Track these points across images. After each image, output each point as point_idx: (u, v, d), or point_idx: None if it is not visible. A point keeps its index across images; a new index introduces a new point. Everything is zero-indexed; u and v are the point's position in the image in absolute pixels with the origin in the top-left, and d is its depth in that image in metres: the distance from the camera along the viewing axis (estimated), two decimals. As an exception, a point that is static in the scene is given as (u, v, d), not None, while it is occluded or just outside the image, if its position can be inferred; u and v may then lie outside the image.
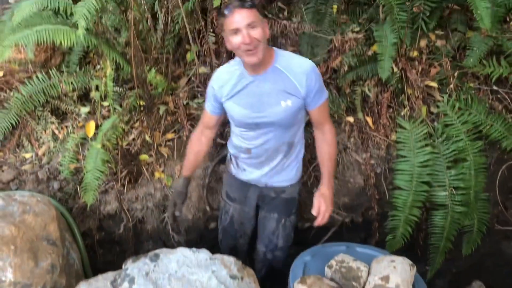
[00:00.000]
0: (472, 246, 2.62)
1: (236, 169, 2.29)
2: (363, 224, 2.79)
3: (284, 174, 2.21)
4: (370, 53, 2.78)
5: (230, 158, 2.32)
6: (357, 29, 2.90)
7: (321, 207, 2.04)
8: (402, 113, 2.64)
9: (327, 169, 2.10)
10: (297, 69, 1.92)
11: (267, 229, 2.34)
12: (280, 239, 2.35)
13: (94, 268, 2.57)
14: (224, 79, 2.02)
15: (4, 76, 3.05)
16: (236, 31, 1.80)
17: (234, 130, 2.19)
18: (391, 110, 2.70)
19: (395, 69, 2.67)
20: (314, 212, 2.05)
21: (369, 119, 2.67)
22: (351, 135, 2.64)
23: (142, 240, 2.78)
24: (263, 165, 2.19)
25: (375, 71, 2.67)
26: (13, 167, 2.72)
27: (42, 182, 2.66)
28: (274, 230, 2.32)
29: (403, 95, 2.69)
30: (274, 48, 1.99)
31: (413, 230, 2.53)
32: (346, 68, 2.74)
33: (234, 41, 1.82)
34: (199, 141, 2.25)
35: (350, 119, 2.66)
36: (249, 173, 2.24)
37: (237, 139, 2.19)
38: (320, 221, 2.04)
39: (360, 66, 2.73)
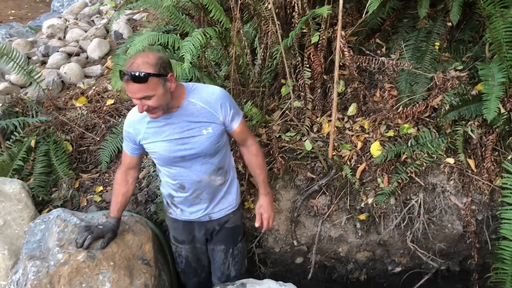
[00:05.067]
0: None
1: (175, 212, 2.26)
2: (461, 274, 2.60)
3: (224, 202, 2.22)
4: (474, 92, 2.64)
5: (167, 202, 2.30)
6: (460, 67, 2.79)
7: (263, 216, 2.21)
8: (509, 157, 2.45)
9: (260, 178, 2.21)
10: (210, 97, 1.98)
11: (217, 261, 2.31)
12: (232, 269, 2.31)
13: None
14: (137, 121, 2.02)
15: (114, 103, 3.33)
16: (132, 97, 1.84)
17: (162, 170, 2.17)
18: (496, 153, 2.52)
19: (502, 110, 2.50)
20: (257, 224, 2.22)
21: (471, 162, 2.51)
22: (450, 177, 2.50)
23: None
24: (201, 199, 2.17)
25: (479, 112, 2.53)
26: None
27: (140, 204, 2.82)
28: (224, 261, 2.28)
29: (510, 138, 2.51)
30: (184, 84, 2.02)
31: (518, 285, 2.30)
32: (447, 107, 2.63)
33: (133, 101, 1.87)
34: (126, 182, 2.20)
35: (450, 160, 2.52)
36: (189, 212, 2.22)
37: (168, 179, 2.17)
38: (266, 227, 2.23)
39: (463, 106, 2.60)
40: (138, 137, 2.06)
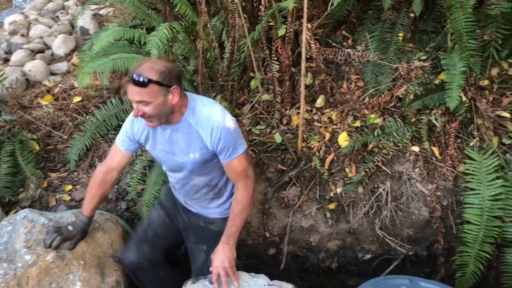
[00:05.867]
0: (550, 288, 2.42)
1: (174, 188, 2.25)
2: (428, 259, 2.67)
3: (215, 208, 2.17)
4: (437, 81, 2.72)
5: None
6: (424, 57, 2.85)
7: (214, 263, 1.99)
8: (471, 144, 2.53)
9: (228, 226, 2.03)
10: (205, 123, 1.89)
11: (196, 260, 2.21)
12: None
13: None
14: (143, 121, 1.97)
15: (81, 101, 3.28)
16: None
17: None
18: (459, 140, 2.60)
19: (464, 99, 2.58)
20: (211, 269, 2.01)
21: (435, 149, 2.58)
22: (415, 165, 2.56)
23: (202, 262, 2.82)
24: (190, 198, 2.17)
25: (442, 100, 2.60)
26: (86, 187, 2.88)
27: (111, 201, 2.79)
28: (204, 264, 2.15)
29: (472, 125, 2.59)
30: (190, 98, 1.95)
31: (484, 267, 2.39)
32: (411, 96, 2.70)
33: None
34: (105, 183, 2.14)
35: (415, 148, 2.59)
36: (183, 201, 2.22)
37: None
38: (215, 279, 1.97)
39: (427, 95, 2.67)
40: (138, 135, 2.04)
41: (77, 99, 3.28)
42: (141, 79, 1.72)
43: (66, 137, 3.09)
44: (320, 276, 2.81)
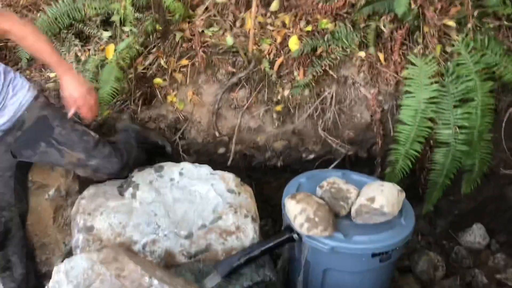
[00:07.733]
0: (471, 185, 2.64)
1: None
2: (368, 160, 2.84)
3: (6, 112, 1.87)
4: (388, -13, 2.73)
5: None
6: (379, -38, 2.83)
7: (67, 98, 1.84)
8: (415, 51, 2.62)
9: (45, 59, 1.83)
10: None
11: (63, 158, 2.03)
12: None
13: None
14: None
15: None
16: None
17: None
18: (404, 47, 2.67)
19: (413, 6, 2.62)
20: (70, 114, 1.88)
21: (381, 55, 2.66)
22: (360, 70, 2.65)
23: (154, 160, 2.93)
24: None
25: (392, 7, 2.63)
26: (38, 85, 2.88)
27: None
28: (62, 155, 1.99)
29: (418, 33, 2.66)
30: None
31: (414, 166, 2.57)
32: (363, 2, 2.72)
33: None
34: None
35: (362, 54, 2.65)
36: None
37: None
38: (85, 112, 1.91)
39: (378, 1, 2.69)
40: None
41: None
42: None
43: (16, 34, 3.02)
44: (267, 174, 2.97)
